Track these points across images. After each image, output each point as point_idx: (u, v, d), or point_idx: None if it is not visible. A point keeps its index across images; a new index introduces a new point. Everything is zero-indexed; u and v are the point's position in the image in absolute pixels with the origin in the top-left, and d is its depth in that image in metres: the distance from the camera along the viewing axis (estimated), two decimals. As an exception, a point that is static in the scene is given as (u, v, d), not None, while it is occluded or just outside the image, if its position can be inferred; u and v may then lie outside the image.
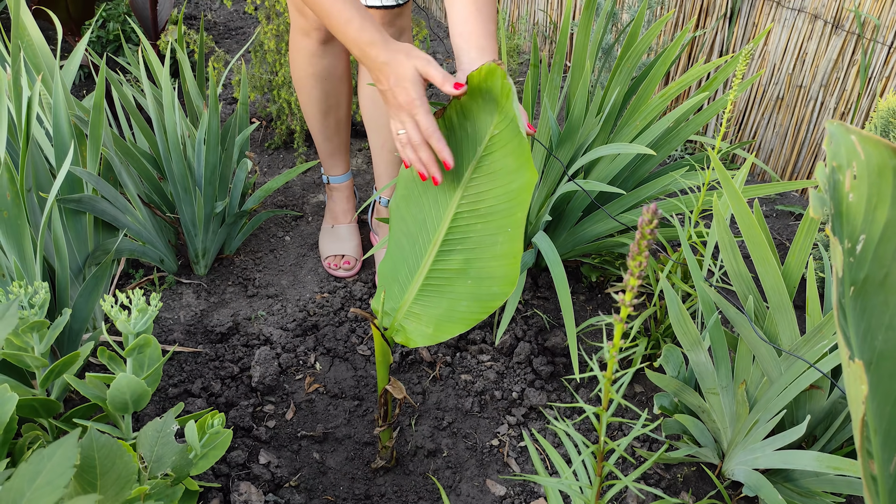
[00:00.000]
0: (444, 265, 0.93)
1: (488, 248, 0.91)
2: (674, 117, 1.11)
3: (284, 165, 1.91)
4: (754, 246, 0.77)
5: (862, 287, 0.46)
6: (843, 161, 0.46)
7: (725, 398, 0.96)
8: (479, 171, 0.92)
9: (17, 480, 0.44)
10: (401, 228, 0.97)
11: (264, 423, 1.16)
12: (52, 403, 0.84)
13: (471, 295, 0.91)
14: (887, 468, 0.48)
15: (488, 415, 1.19)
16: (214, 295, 1.44)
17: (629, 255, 0.48)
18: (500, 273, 0.90)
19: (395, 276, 0.96)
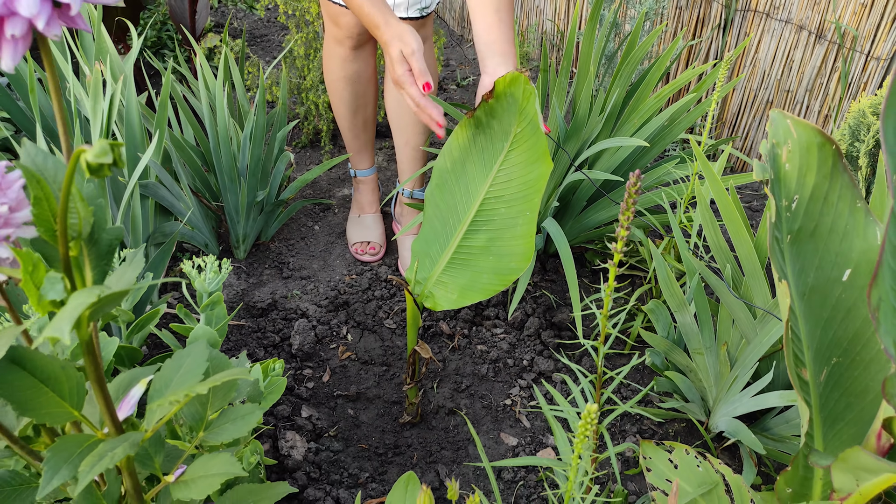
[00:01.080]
0: (471, 242, 1.08)
1: (510, 229, 1.06)
2: (668, 115, 1.26)
3: (311, 162, 2.07)
4: (730, 221, 0.92)
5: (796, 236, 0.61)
6: (780, 139, 0.61)
7: (710, 358, 1.10)
8: (505, 163, 1.08)
9: (165, 371, 0.59)
10: (434, 213, 1.13)
11: (304, 384, 1.31)
12: (136, 351, 1.00)
13: (492, 269, 1.06)
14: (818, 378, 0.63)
15: (502, 379, 1.34)
16: (253, 276, 1.60)
17: (620, 210, 0.63)
18: (519, 250, 1.05)
19: (427, 252, 1.11)
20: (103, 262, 0.48)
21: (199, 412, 0.67)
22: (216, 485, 0.61)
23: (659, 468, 0.80)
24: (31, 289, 0.41)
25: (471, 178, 1.11)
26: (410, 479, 0.91)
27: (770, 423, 1.09)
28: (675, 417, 1.22)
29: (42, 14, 0.39)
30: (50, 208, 0.44)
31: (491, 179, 1.09)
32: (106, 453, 0.52)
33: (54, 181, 0.47)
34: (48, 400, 0.54)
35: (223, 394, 0.67)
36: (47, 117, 1.38)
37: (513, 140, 1.07)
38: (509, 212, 1.06)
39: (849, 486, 0.58)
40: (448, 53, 2.81)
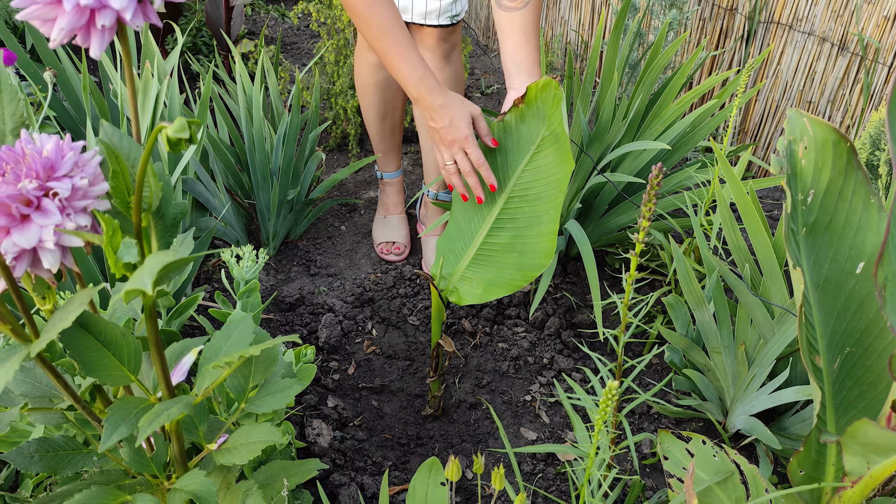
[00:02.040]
0: (495, 239, 1.12)
1: (534, 227, 1.10)
2: (690, 121, 1.29)
3: (338, 165, 2.13)
4: (749, 221, 0.95)
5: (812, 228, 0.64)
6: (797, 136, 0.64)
7: (728, 357, 1.13)
8: (531, 164, 1.12)
9: (215, 341, 0.64)
10: (460, 211, 1.17)
11: (330, 375, 1.36)
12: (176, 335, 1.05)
13: (515, 265, 1.10)
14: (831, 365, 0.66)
15: (522, 376, 1.37)
16: (282, 273, 1.65)
17: (643, 201, 0.67)
18: (542, 247, 1.09)
19: (452, 248, 1.15)
20: (168, 234, 0.53)
21: (241, 384, 0.71)
22: (257, 451, 0.65)
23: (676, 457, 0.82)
24: (109, 252, 0.46)
25: (497, 179, 1.15)
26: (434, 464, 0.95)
27: (787, 423, 1.11)
28: (692, 416, 1.24)
29: (129, 7, 0.44)
30: (125, 182, 0.49)
31: (515, 179, 1.13)
32: (162, 412, 0.56)
33: (127, 158, 0.52)
34: (109, 363, 0.59)
35: (264, 367, 0.72)
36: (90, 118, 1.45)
37: (539, 143, 1.11)
38: (533, 210, 1.10)
39: (860, 469, 0.60)
40: (472, 63, 2.87)
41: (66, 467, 0.67)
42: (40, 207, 0.45)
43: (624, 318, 0.75)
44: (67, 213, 0.46)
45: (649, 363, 1.41)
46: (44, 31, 0.46)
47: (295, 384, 0.73)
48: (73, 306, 0.51)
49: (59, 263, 0.47)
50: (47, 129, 1.44)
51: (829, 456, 0.67)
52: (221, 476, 0.70)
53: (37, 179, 0.45)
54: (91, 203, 0.50)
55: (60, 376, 0.58)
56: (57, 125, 1.55)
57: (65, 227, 0.45)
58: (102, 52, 0.46)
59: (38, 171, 0.46)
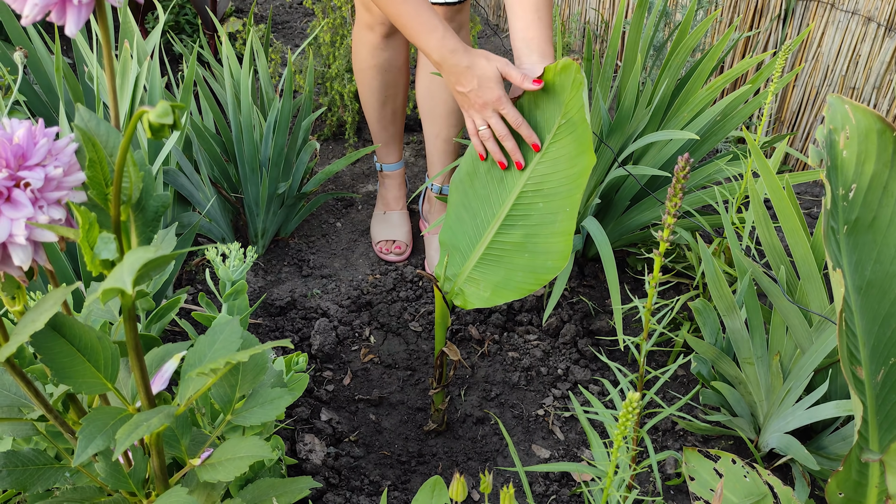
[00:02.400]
0: (506, 238, 1.12)
1: (548, 226, 1.10)
2: (720, 108, 1.29)
3: (334, 156, 2.13)
4: (785, 219, 0.95)
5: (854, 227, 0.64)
6: (838, 125, 0.64)
7: (761, 369, 1.13)
8: (546, 155, 1.11)
9: (199, 346, 0.64)
10: (462, 202, 1.17)
11: (324, 386, 1.36)
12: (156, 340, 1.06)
13: (527, 267, 1.10)
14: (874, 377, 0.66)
15: (534, 388, 1.38)
16: (271, 273, 1.66)
17: (668, 196, 0.67)
18: (557, 248, 1.08)
19: (456, 245, 1.15)
20: (149, 228, 0.53)
21: (227, 394, 0.72)
22: (244, 467, 0.66)
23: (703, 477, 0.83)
24: (85, 247, 0.47)
25: (507, 170, 1.15)
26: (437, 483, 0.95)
27: (825, 441, 1.10)
28: (721, 433, 1.24)
29: (108, -20, 0.44)
30: (103, 171, 0.50)
31: (529, 172, 1.13)
32: (142, 423, 0.57)
33: (105, 146, 0.52)
34: (84, 370, 0.60)
35: (252, 376, 0.72)
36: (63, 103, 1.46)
37: (556, 132, 1.11)
38: (548, 207, 1.10)
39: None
40: (482, 44, 2.87)
41: (36, 483, 0.67)
42: (10, 199, 0.46)
43: (646, 324, 0.76)
44: (40, 206, 0.47)
45: (674, 375, 1.41)
46: (15, 6, 0.46)
47: (286, 394, 0.73)
48: (45, 307, 0.51)
49: (31, 260, 0.47)
50: (17, 115, 1.45)
51: (872, 477, 0.67)
52: (205, 494, 0.70)
53: (7, 168, 0.46)
54: (66, 194, 0.51)
55: (31, 384, 0.59)
56: (27, 111, 1.56)
57: (37, 220, 0.46)
58: (78, 30, 0.47)
59: (7, 160, 0.46)
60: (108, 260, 0.47)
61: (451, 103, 1.57)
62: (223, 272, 1.01)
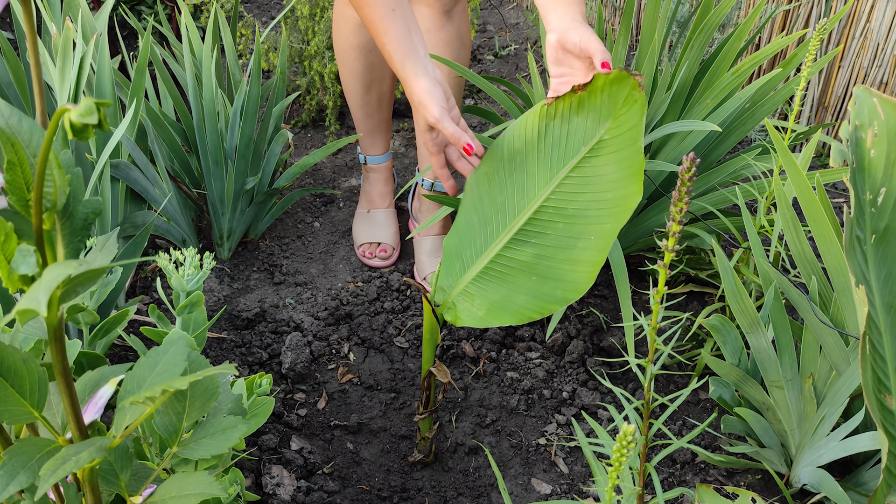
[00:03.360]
0: (514, 254, 1.13)
1: (564, 251, 1.10)
2: (749, 94, 1.30)
3: (313, 145, 2.15)
4: (815, 224, 0.95)
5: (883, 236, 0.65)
6: (865, 120, 0.65)
7: (791, 393, 1.13)
8: (578, 171, 1.12)
9: (138, 370, 0.65)
10: (475, 206, 1.18)
11: (295, 410, 1.37)
12: (100, 359, 1.07)
13: (532, 291, 1.10)
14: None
15: (535, 413, 1.38)
16: (238, 280, 1.67)
17: (672, 201, 0.68)
18: (570, 278, 1.08)
19: (460, 254, 1.16)
20: (77, 238, 0.54)
21: (173, 423, 0.73)
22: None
23: (718, 518, 0.83)
24: (1, 261, 0.48)
25: (529, 177, 1.15)
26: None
27: (865, 477, 1.11)
28: (748, 467, 1.24)
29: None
30: (24, 174, 0.51)
31: (554, 185, 1.13)
32: (69, 457, 0.58)
33: (27, 146, 0.53)
34: (7, 396, 0.61)
35: (202, 402, 0.73)
36: (1, 84, 1.47)
37: (595, 146, 1.11)
38: (568, 229, 1.10)
39: (939, 538, 0.61)
40: (485, 16, 2.88)
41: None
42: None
43: (652, 344, 0.77)
44: (-49, 214, 0.48)
45: (697, 399, 1.42)
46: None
47: (240, 423, 0.74)
48: (-40, 326, 0.52)
49: (-59, 275, 0.48)
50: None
51: (905, 521, 0.67)
52: (147, 536, 0.71)
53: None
54: (-18, 200, 0.52)
55: (-54, 412, 0.60)
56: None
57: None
58: None
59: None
60: (27, 275, 0.48)
61: (444, 87, 1.58)
62: (176, 282, 1.02)
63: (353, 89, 1.67)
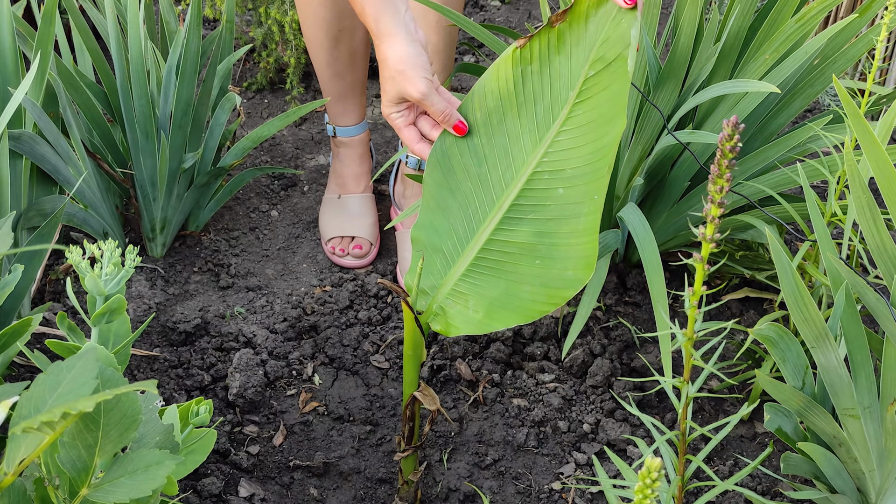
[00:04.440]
0: (509, 237, 1.13)
1: (569, 221, 1.10)
2: (816, 47, 1.30)
3: (270, 113, 2.15)
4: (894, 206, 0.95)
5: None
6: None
7: (869, 424, 1.13)
8: (570, 121, 1.12)
9: (37, 390, 0.65)
10: (445, 183, 1.18)
11: (245, 447, 1.38)
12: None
13: (537, 278, 1.11)
14: None
15: (549, 451, 1.39)
16: (175, 284, 1.67)
17: (710, 178, 0.68)
18: (578, 253, 1.09)
19: (438, 246, 1.16)
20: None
21: (83, 458, 0.73)
22: (103, 563, 0.67)
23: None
24: None
25: (513, 140, 1.16)
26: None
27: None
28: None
29: None
30: None
31: (546, 145, 1.13)
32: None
33: None
34: None
35: (119, 432, 0.73)
36: None
37: (584, 87, 1.11)
38: (571, 194, 1.11)
39: None
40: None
41: None
42: None
43: (687, 359, 0.77)
44: None
45: (754, 433, 1.42)
46: None
47: (168, 459, 0.75)
48: None
49: None
50: None
51: None
52: None
53: None
54: None
55: None
56: None
57: None
58: None
59: None
60: None
61: (433, 39, 1.58)
62: (91, 282, 1.02)
63: (319, 42, 1.67)
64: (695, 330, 0.75)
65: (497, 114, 1.18)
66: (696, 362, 0.75)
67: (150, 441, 0.91)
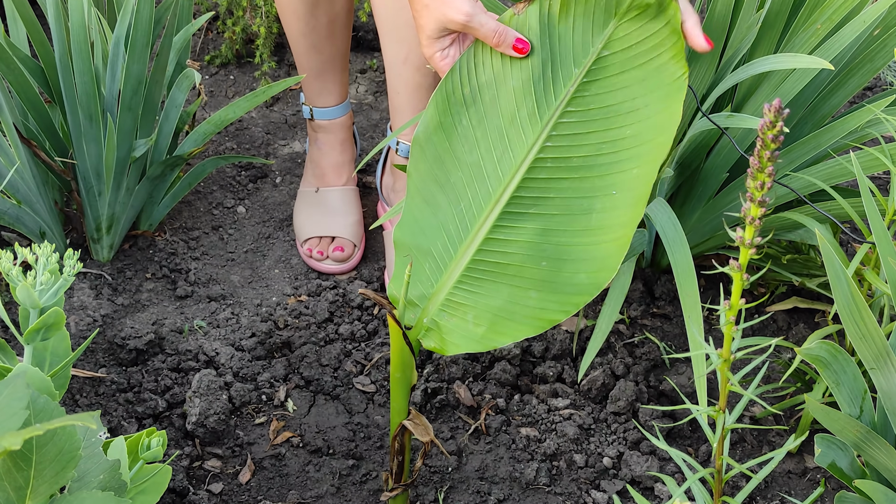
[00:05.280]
0: (509, 235, 1.13)
1: (578, 217, 1.11)
2: (875, 16, 1.30)
3: (237, 93, 2.15)
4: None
5: None
6: None
7: (939, 459, 1.13)
8: (576, 103, 1.13)
9: (-45, 423, 0.65)
10: (432, 175, 1.18)
11: (206, 485, 1.38)
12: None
13: (545, 282, 1.11)
14: None
15: (563, 489, 1.39)
16: (124, 293, 1.67)
17: (749, 173, 0.68)
18: (594, 254, 1.09)
19: (426, 249, 1.16)
20: None
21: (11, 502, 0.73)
22: None
23: None
24: None
25: (509, 122, 1.16)
26: None
27: None
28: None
29: None
30: None
31: (549, 128, 1.14)
32: None
33: None
34: None
35: (55, 471, 0.73)
36: None
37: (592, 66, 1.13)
38: (578, 186, 1.12)
39: None
40: None
41: None
42: None
43: (724, 383, 0.77)
44: None
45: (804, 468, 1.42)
46: None
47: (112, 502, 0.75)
48: None
49: None
50: None
51: None
52: None
53: None
54: None
55: None
56: None
57: None
58: None
59: None
60: None
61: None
62: (23, 293, 1.02)
63: (292, 10, 1.67)
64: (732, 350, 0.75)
65: (489, 90, 1.17)
66: (733, 388, 0.75)
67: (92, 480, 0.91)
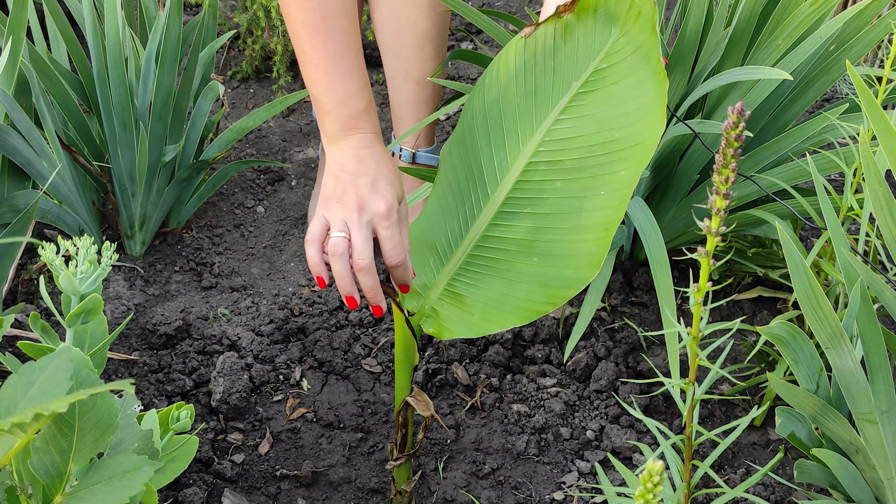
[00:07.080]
0: (504, 232, 1.15)
1: (569, 216, 1.12)
2: (832, 32, 1.31)
3: (256, 104, 2.16)
4: (914, 199, 0.96)
5: None
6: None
7: (888, 429, 1.14)
8: (570, 111, 1.14)
9: (7, 391, 0.66)
10: (449, 180, 1.20)
11: (229, 456, 1.38)
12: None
13: (535, 276, 1.12)
14: None
15: (550, 459, 1.40)
16: (155, 284, 1.68)
17: (714, 169, 0.69)
18: (581, 250, 1.10)
19: (432, 242, 1.18)
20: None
21: (56, 464, 0.74)
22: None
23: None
24: None
25: (509, 131, 1.17)
26: None
27: None
28: (832, 529, 1.26)
29: None
30: None
31: (542, 134, 1.15)
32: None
33: None
34: None
35: (95, 436, 0.74)
36: None
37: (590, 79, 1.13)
38: (570, 187, 1.13)
39: None
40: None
41: None
42: None
43: (693, 359, 0.78)
44: None
45: (767, 440, 1.43)
46: None
47: (146, 465, 0.76)
48: None
49: None
50: None
51: None
52: None
53: None
54: None
55: None
56: None
57: None
58: None
59: None
60: None
61: (425, 25, 1.59)
62: (66, 281, 1.03)
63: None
64: (701, 328, 0.76)
65: (495, 105, 1.19)
66: (702, 363, 0.76)
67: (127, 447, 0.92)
